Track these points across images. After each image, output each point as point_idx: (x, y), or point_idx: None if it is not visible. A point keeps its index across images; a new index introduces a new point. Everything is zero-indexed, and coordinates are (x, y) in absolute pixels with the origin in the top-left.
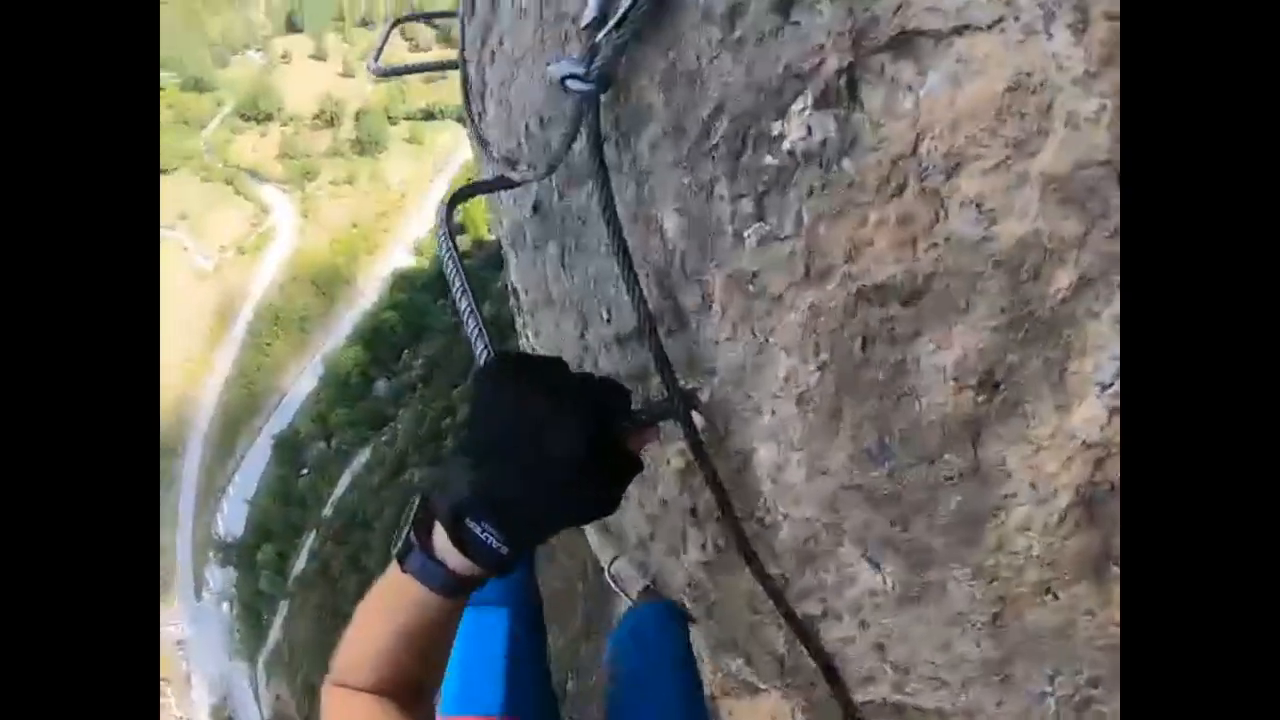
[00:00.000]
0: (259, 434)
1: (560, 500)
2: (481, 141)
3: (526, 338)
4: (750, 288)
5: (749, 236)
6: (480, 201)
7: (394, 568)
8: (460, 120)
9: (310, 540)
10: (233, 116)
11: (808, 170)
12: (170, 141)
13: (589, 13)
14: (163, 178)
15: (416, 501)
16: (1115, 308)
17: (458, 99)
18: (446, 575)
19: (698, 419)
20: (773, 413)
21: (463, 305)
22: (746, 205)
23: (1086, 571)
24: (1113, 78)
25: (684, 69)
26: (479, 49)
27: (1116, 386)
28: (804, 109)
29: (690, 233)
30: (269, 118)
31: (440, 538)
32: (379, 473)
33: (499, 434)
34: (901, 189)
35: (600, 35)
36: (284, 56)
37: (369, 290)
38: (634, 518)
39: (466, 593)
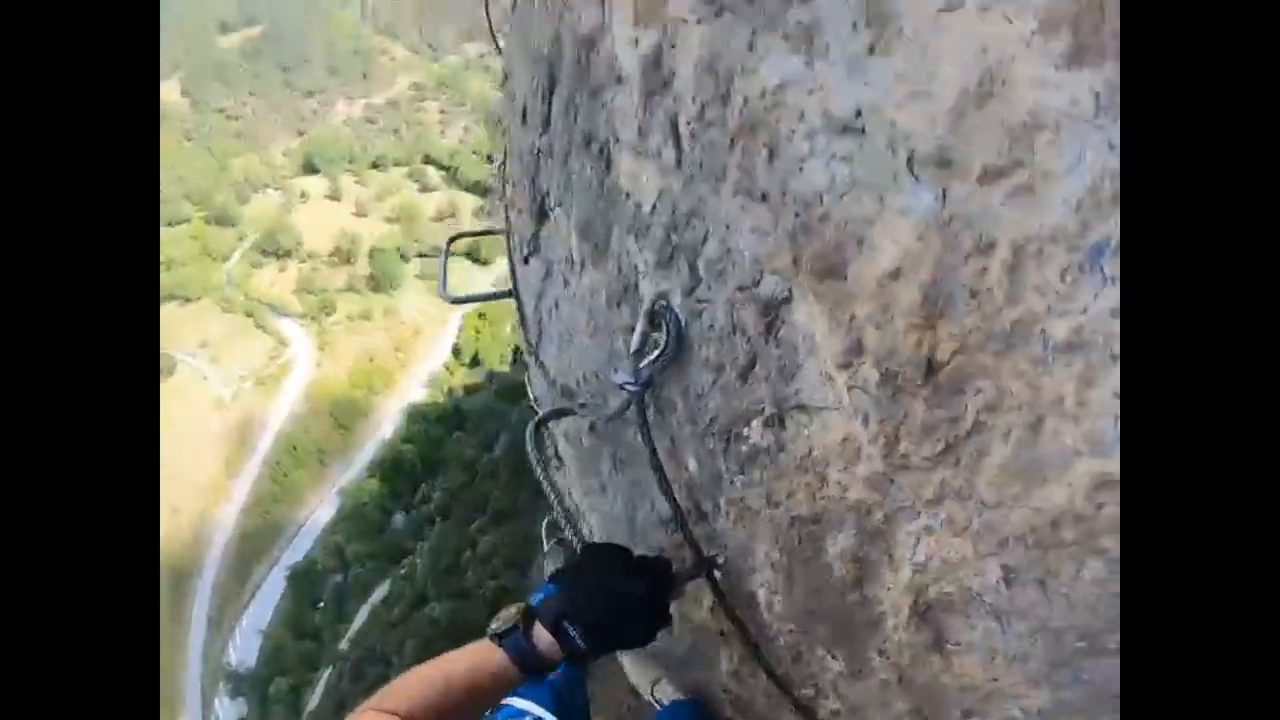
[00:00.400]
0: (275, 564)
1: (624, 632)
2: (540, 363)
3: (578, 503)
4: (741, 505)
5: (737, 481)
6: (494, 338)
7: (481, 644)
8: (468, 256)
9: (326, 675)
10: (253, 251)
11: (764, 455)
12: (194, 272)
13: (633, 345)
14: (185, 307)
15: (523, 606)
16: (909, 527)
17: (467, 239)
18: (530, 654)
19: (719, 575)
20: (761, 572)
21: (558, 510)
22: (734, 466)
23: (931, 649)
24: (879, 451)
25: (694, 389)
26: (536, 299)
27: (917, 560)
28: (758, 426)
29: (704, 473)
30: (288, 253)
31: (539, 629)
32: (397, 607)
33: (589, 588)
34: (805, 470)
35: (642, 364)
36: (302, 196)
37: (385, 423)
38: (679, 644)
39: (534, 671)
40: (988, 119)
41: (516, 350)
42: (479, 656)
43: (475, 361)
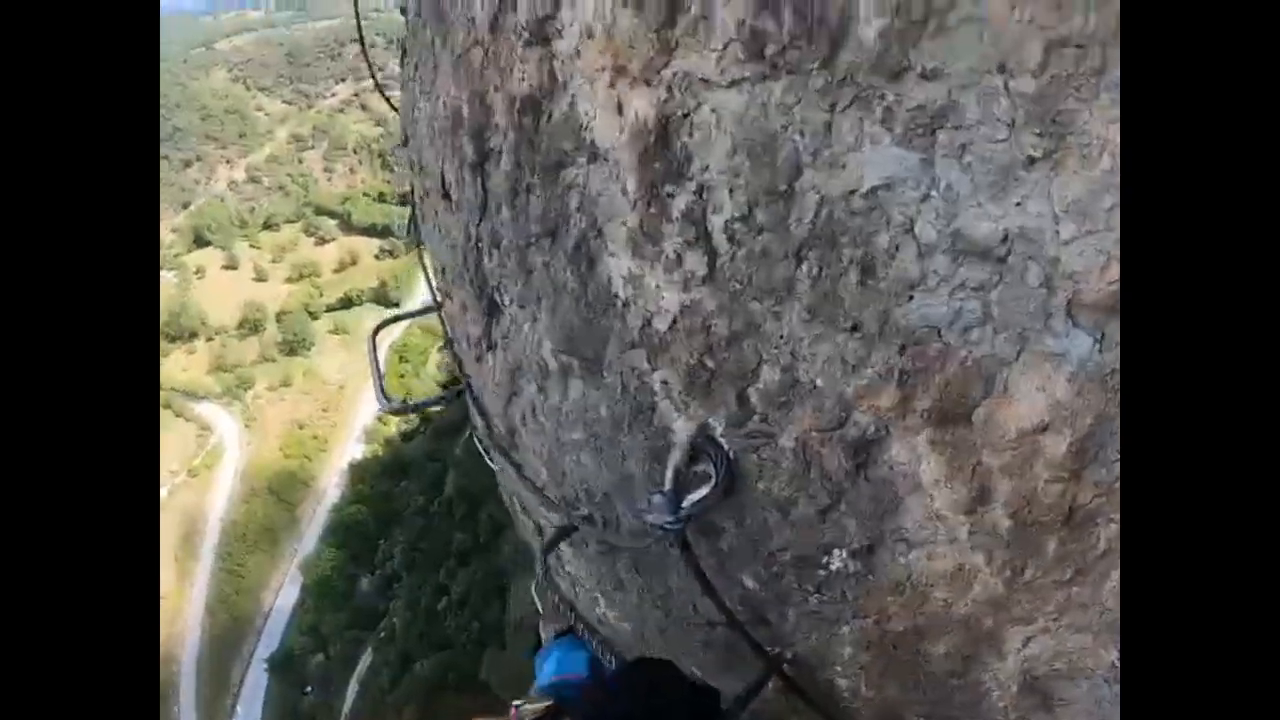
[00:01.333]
0: (251, 658)
1: None
2: (515, 465)
3: (593, 597)
4: (817, 617)
5: (811, 599)
6: (420, 378)
7: None
8: (376, 302)
9: None
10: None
11: (848, 579)
12: None
13: (669, 480)
14: None
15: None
16: (1025, 629)
17: (371, 283)
18: None
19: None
20: (845, 667)
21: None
22: (809, 587)
23: (1038, 708)
24: (1001, 579)
25: (752, 521)
26: (503, 403)
27: (1029, 652)
28: (842, 555)
29: (766, 590)
30: (194, 334)
31: None
32: (386, 672)
33: (630, 701)
34: (901, 592)
35: (686, 502)
36: (198, 272)
37: (330, 489)
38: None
39: None
40: None
41: (444, 386)
42: None
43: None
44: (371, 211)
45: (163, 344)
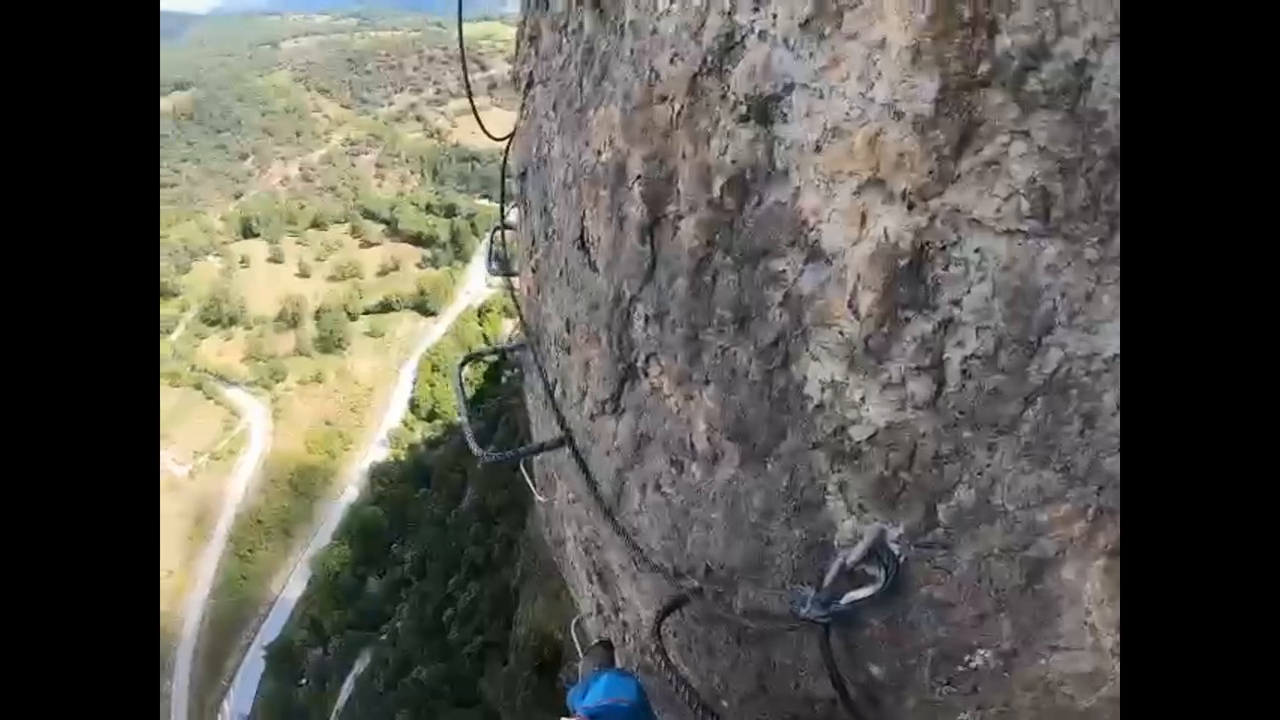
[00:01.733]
0: (250, 646)
1: None
2: (612, 521)
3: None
4: (937, 705)
5: (939, 690)
6: (450, 389)
7: None
8: (416, 309)
9: None
10: (197, 321)
11: (984, 675)
12: None
13: (830, 577)
14: None
15: None
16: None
17: (410, 289)
18: None
19: None
20: None
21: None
22: (940, 680)
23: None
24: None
25: (901, 620)
26: (621, 467)
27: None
28: (987, 655)
29: (889, 676)
30: (233, 321)
31: None
32: (383, 675)
33: None
34: (1032, 689)
35: (845, 599)
36: (243, 261)
37: (349, 487)
38: None
39: None
40: None
41: (472, 401)
42: None
43: (433, 415)
44: (419, 221)
45: (201, 327)
